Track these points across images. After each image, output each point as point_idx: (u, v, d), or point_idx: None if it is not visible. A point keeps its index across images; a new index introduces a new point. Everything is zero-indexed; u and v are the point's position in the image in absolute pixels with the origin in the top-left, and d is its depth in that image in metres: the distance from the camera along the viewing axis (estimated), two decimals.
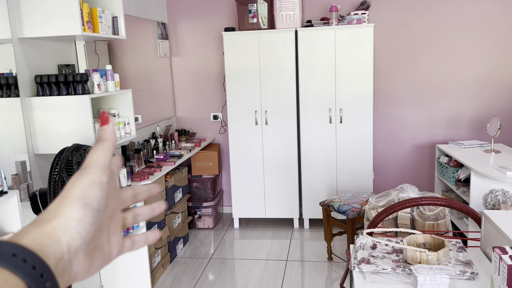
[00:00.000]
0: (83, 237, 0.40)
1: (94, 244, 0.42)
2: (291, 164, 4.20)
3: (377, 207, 2.34)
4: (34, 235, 0.38)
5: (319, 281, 3.29)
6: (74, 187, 0.42)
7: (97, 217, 0.42)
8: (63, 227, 0.39)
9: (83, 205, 0.41)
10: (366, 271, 1.52)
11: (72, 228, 0.39)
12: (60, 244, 0.38)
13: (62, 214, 0.40)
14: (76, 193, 0.41)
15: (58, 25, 2.44)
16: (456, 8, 4.12)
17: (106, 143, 0.44)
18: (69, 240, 0.39)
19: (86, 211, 0.41)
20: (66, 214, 0.40)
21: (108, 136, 0.45)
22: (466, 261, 1.54)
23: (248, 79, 4.11)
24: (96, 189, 0.42)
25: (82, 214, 0.40)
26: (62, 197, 0.41)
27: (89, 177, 0.42)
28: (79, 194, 0.41)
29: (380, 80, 4.34)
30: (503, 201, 2.91)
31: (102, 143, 0.44)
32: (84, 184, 0.42)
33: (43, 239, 0.38)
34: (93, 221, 0.41)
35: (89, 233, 0.41)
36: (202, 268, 3.59)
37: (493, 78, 4.18)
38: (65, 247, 0.39)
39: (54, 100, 2.50)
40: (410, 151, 4.43)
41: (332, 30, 3.91)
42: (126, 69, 3.67)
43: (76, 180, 0.42)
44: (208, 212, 4.36)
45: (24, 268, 0.34)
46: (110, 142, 0.45)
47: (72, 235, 0.39)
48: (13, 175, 2.35)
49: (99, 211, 0.42)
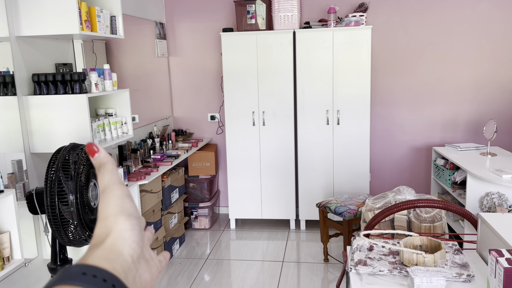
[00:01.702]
0: (139, 245, 0.42)
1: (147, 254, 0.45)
2: (288, 165, 4.20)
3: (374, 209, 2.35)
4: (96, 254, 0.39)
5: (315, 283, 3.29)
6: (108, 207, 0.43)
7: (141, 225, 0.44)
8: (120, 240, 0.41)
9: (126, 216, 0.43)
10: (363, 273, 1.52)
11: (128, 238, 0.41)
12: (123, 256, 0.40)
13: (113, 230, 0.41)
14: (114, 209, 0.43)
15: (56, 24, 2.44)
16: (453, 11, 4.13)
17: (108, 165, 0.46)
18: (130, 251, 0.41)
19: (131, 219, 0.43)
20: (117, 229, 0.41)
21: (106, 160, 0.46)
22: (463, 263, 1.54)
23: (246, 80, 4.11)
24: (127, 200, 0.44)
25: (130, 223, 0.42)
26: (103, 219, 0.43)
27: (115, 193, 0.44)
28: (117, 208, 0.43)
29: (378, 82, 4.35)
30: (499, 204, 2.92)
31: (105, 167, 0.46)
32: (115, 200, 0.43)
33: (107, 255, 0.39)
34: (140, 228, 0.43)
35: (142, 239, 0.43)
36: (198, 268, 3.58)
37: (489, 81, 4.20)
38: (128, 258, 0.40)
39: (51, 99, 2.49)
40: (407, 153, 4.44)
41: (330, 32, 3.92)
42: (124, 68, 3.67)
43: (106, 201, 0.44)
44: (204, 213, 4.36)
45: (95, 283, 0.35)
46: (110, 162, 0.46)
47: (131, 245, 0.41)
48: (9, 174, 2.34)
49: (140, 219, 0.44)
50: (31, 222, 2.47)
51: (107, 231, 0.41)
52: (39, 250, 2.53)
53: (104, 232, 0.41)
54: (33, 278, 2.48)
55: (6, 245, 2.04)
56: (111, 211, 0.43)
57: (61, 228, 2.04)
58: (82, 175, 2.10)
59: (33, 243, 2.49)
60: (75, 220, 2.01)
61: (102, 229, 0.42)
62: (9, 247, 2.06)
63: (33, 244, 2.49)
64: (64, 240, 2.09)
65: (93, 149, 0.46)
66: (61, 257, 2.22)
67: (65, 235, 2.06)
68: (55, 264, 2.22)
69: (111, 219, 0.42)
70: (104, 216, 0.43)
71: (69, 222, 2.05)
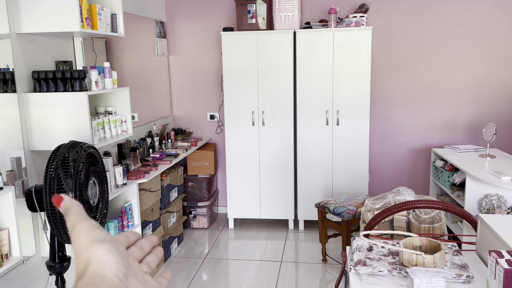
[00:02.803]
0: (122, 264, 0.44)
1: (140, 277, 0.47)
2: (287, 165, 4.20)
3: (373, 210, 2.35)
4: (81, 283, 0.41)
5: (313, 283, 3.29)
6: (79, 242, 0.45)
7: (116, 245, 0.46)
8: (100, 265, 0.43)
9: (99, 242, 0.44)
10: (362, 273, 1.52)
11: (107, 261, 0.43)
12: (107, 278, 0.42)
13: (91, 259, 0.43)
14: (85, 241, 0.45)
15: (57, 21, 2.43)
16: (453, 13, 4.14)
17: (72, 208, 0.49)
18: (113, 271, 0.43)
19: (105, 244, 0.45)
20: (94, 257, 0.43)
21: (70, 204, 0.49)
22: (462, 264, 1.54)
23: (245, 79, 4.11)
24: (96, 230, 0.46)
25: (105, 247, 0.44)
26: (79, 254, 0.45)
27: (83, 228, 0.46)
28: (88, 240, 0.45)
29: (377, 83, 4.35)
30: (498, 205, 2.93)
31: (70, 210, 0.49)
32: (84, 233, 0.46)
33: (91, 280, 0.41)
34: (117, 249, 0.45)
35: (123, 258, 0.45)
36: (196, 268, 3.58)
37: (489, 83, 4.20)
38: (114, 278, 0.43)
39: (51, 96, 2.48)
40: (406, 155, 4.44)
41: (331, 32, 3.92)
42: (123, 67, 3.66)
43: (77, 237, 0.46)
44: (203, 212, 4.36)
45: None
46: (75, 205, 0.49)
47: (112, 266, 0.43)
48: (8, 171, 2.33)
49: (115, 241, 0.46)
50: (29, 220, 2.46)
51: (86, 263, 0.43)
52: (38, 247, 2.53)
53: (84, 265, 0.43)
54: (32, 276, 2.48)
55: (4, 242, 2.03)
56: (83, 244, 0.45)
57: (60, 226, 2.03)
58: (81, 173, 2.09)
59: (32, 240, 2.49)
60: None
61: (81, 264, 0.44)
62: (8, 245, 2.06)
63: (32, 242, 2.49)
64: (63, 237, 2.09)
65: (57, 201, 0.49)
66: (59, 255, 2.22)
67: (64, 233, 2.06)
68: (54, 262, 2.21)
69: (86, 251, 0.44)
70: (79, 251, 0.45)
71: None
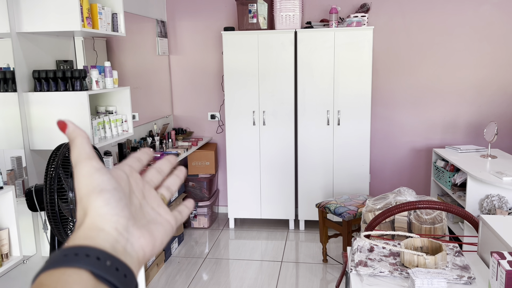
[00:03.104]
0: (120, 215, 0.42)
1: (144, 220, 0.46)
2: (288, 165, 4.20)
3: (374, 210, 2.34)
4: (77, 236, 0.40)
5: (314, 283, 3.28)
6: (79, 188, 0.43)
7: (118, 194, 0.43)
8: (98, 217, 0.41)
9: (97, 193, 0.42)
10: (363, 274, 1.51)
11: (105, 214, 0.41)
12: (105, 231, 0.40)
13: (89, 209, 0.42)
14: (85, 189, 0.43)
15: (58, 20, 2.43)
16: (454, 13, 4.13)
17: (76, 140, 0.46)
18: (111, 224, 0.41)
19: (104, 194, 0.42)
20: (92, 208, 0.42)
21: (75, 134, 0.46)
22: (464, 265, 1.54)
23: (246, 79, 4.10)
24: (97, 175, 0.43)
25: (103, 199, 0.42)
26: (79, 200, 0.43)
27: (83, 171, 0.44)
28: (87, 188, 0.43)
29: (378, 83, 4.34)
30: (499, 206, 2.92)
31: (74, 142, 0.46)
32: (84, 179, 0.43)
33: (87, 233, 0.40)
34: (118, 199, 0.43)
35: (123, 209, 0.43)
36: (197, 268, 3.57)
37: (490, 84, 4.19)
38: (112, 231, 0.41)
39: (52, 95, 2.48)
40: (407, 155, 4.43)
41: (332, 32, 3.91)
42: (124, 66, 3.66)
43: (77, 181, 0.44)
44: (203, 212, 4.35)
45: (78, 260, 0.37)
46: (80, 136, 0.46)
47: (110, 219, 0.41)
48: (8, 170, 2.33)
49: (116, 189, 0.44)
50: (30, 219, 2.46)
51: (84, 212, 0.42)
52: (38, 247, 2.52)
53: (82, 213, 0.42)
54: (32, 275, 2.47)
55: (5, 242, 2.03)
56: (83, 192, 0.43)
57: (60, 226, 2.03)
58: None
59: (32, 240, 2.48)
60: (74, 217, 2.00)
61: (80, 211, 0.43)
62: (8, 244, 2.05)
63: (32, 241, 2.48)
64: (63, 237, 2.08)
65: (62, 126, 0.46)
66: None
67: (64, 233, 2.05)
68: None
69: (84, 200, 0.42)
70: (79, 198, 0.43)
71: (68, 219, 2.04)
